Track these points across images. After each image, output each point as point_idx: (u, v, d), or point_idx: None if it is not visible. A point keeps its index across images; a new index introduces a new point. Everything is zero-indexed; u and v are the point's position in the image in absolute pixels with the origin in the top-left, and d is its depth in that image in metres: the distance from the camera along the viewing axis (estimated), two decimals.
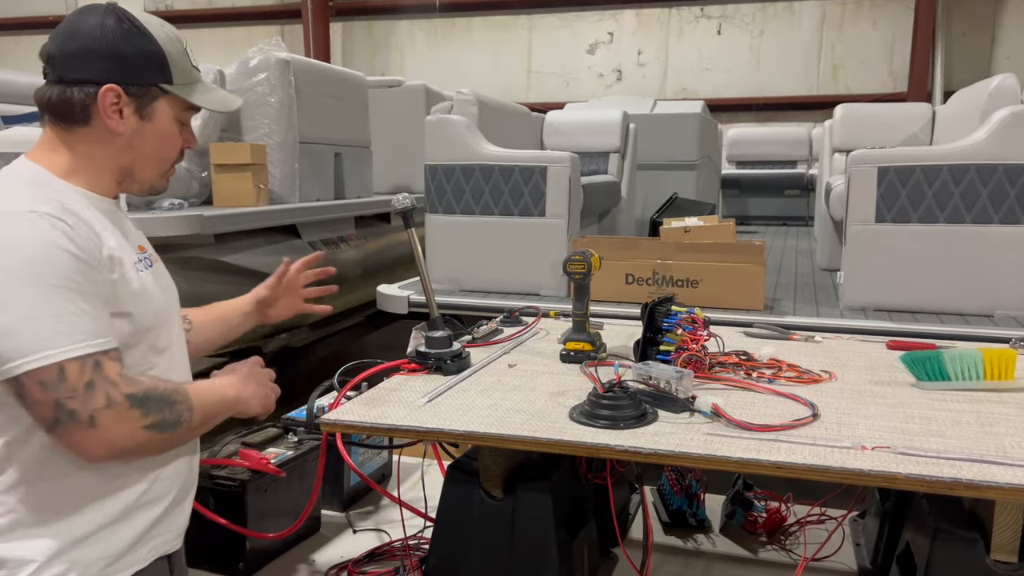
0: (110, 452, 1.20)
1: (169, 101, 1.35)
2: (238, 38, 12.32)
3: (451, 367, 1.83)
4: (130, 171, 1.36)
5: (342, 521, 2.20)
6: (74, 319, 1.17)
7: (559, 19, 11.63)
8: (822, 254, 4.66)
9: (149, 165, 1.38)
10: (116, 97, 1.29)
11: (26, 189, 1.24)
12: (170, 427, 1.25)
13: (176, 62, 1.35)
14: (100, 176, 1.34)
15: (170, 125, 1.36)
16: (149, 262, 1.41)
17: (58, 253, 1.17)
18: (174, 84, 1.35)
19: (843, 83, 10.70)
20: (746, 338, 2.20)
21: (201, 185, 4.30)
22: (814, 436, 1.43)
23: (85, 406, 1.15)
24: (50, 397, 1.14)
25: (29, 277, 1.15)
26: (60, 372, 1.14)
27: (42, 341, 1.14)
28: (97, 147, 1.32)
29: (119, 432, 1.19)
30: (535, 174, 3.67)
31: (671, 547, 2.22)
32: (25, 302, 1.14)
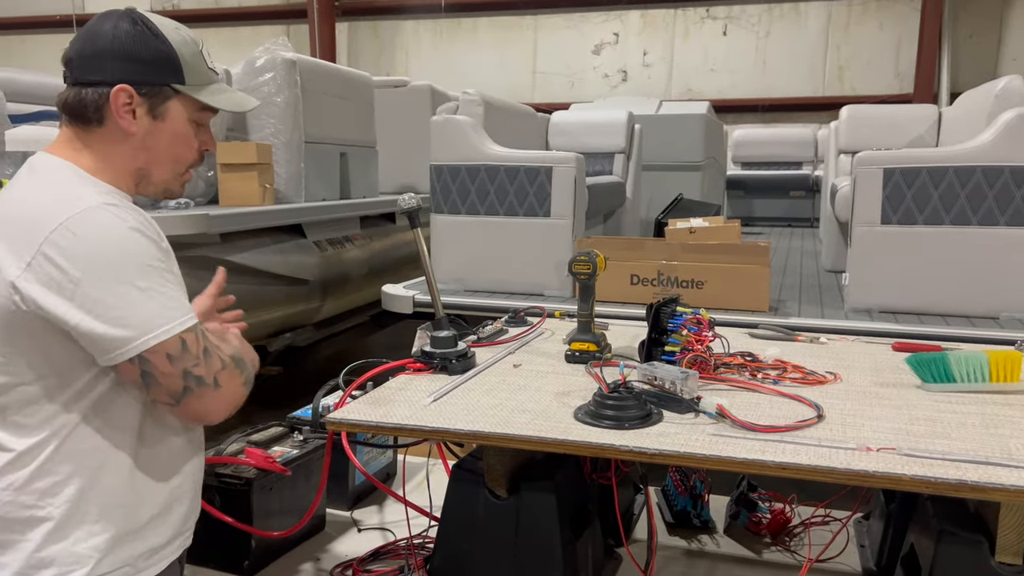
0: (227, 410, 1.32)
1: (182, 102, 1.36)
2: (244, 38, 12.35)
3: (456, 367, 1.83)
4: (145, 172, 1.37)
5: (347, 520, 2.21)
6: (176, 294, 1.25)
7: (564, 19, 11.63)
8: (827, 255, 4.65)
9: (163, 166, 1.38)
10: (128, 97, 1.31)
11: (83, 184, 1.28)
12: (246, 384, 1.35)
13: (189, 63, 1.36)
14: (119, 176, 1.35)
15: (183, 126, 1.37)
16: None
17: (142, 238, 1.23)
18: (187, 84, 1.36)
19: (849, 84, 10.68)
20: (751, 339, 2.20)
21: (207, 184, 4.31)
22: (819, 437, 1.43)
23: (209, 371, 1.26)
24: (178, 368, 1.23)
25: (127, 263, 1.20)
26: (182, 344, 1.22)
27: (158, 318, 1.21)
28: (113, 147, 1.34)
29: (231, 391, 1.30)
30: (540, 174, 3.67)
31: (675, 547, 2.22)
32: (132, 286, 1.20)
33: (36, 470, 1.23)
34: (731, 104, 10.70)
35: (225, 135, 4.38)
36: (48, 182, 1.28)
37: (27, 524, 1.23)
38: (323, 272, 4.41)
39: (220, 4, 12.79)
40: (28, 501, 1.23)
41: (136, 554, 1.29)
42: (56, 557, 1.23)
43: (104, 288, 1.18)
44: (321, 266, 4.40)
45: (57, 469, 1.23)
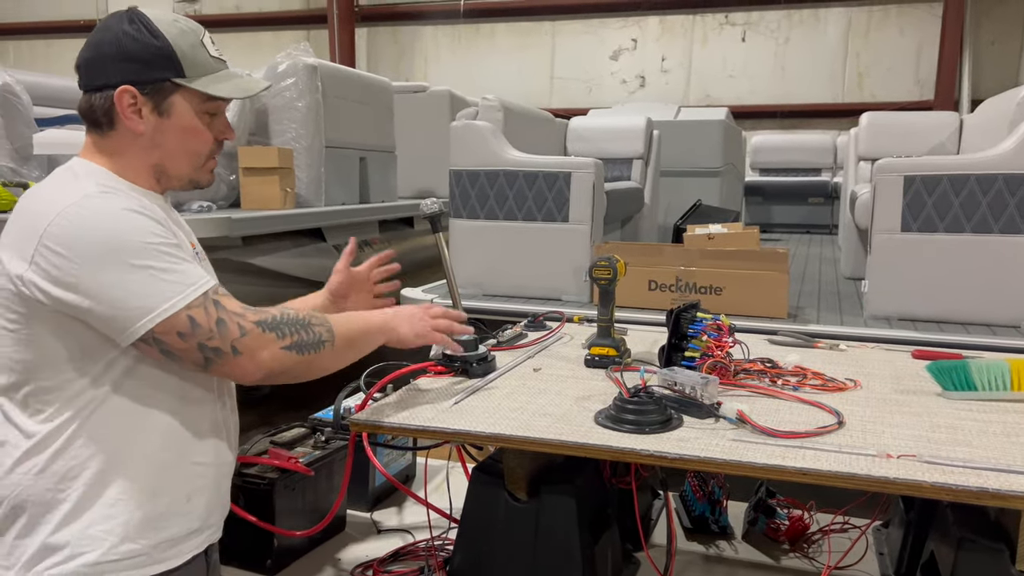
0: (262, 372, 1.30)
1: (185, 95, 1.36)
2: (265, 43, 12.46)
3: (477, 370, 1.85)
4: (162, 168, 1.39)
5: (367, 521, 2.23)
6: (180, 268, 1.25)
7: (583, 25, 11.65)
8: (846, 263, 4.64)
9: (179, 160, 1.39)
10: (132, 98, 1.32)
11: (92, 179, 1.30)
12: (310, 347, 1.33)
13: (187, 55, 1.35)
14: (139, 175, 1.37)
15: (191, 118, 1.37)
16: (199, 257, 1.44)
17: (139, 218, 1.24)
18: (186, 77, 1.35)
19: (869, 91, 10.62)
20: (770, 346, 2.20)
21: (229, 188, 4.36)
22: (839, 443, 1.43)
23: (225, 341, 1.25)
24: (192, 343, 1.24)
25: (122, 244, 1.21)
26: (190, 320, 1.23)
27: (158, 296, 1.21)
28: (128, 148, 1.36)
29: (262, 355, 1.28)
30: (559, 180, 3.69)
31: (693, 553, 2.22)
32: (128, 266, 1.20)
33: (55, 453, 1.25)
34: (750, 110, 10.67)
35: (247, 139, 4.43)
36: (63, 179, 1.31)
37: (46, 507, 1.25)
38: None
39: (241, 9, 12.92)
40: (47, 484, 1.25)
41: (153, 543, 1.30)
42: (70, 539, 1.25)
43: (103, 271, 1.19)
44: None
45: (77, 452, 1.25)
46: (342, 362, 1.43)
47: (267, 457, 1.90)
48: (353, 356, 1.44)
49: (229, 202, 4.39)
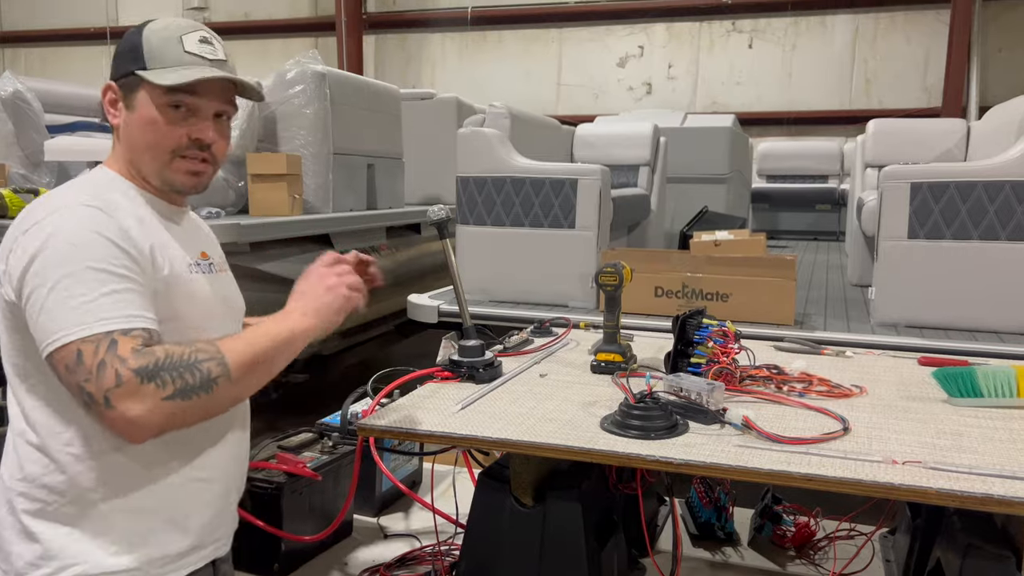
0: (139, 432, 1.15)
1: (147, 88, 1.32)
2: (274, 50, 12.52)
3: (483, 376, 1.86)
4: (136, 164, 1.36)
5: (374, 526, 2.24)
6: (101, 299, 1.16)
7: (589, 32, 11.68)
8: (853, 269, 4.63)
9: (142, 156, 1.34)
10: (114, 93, 1.35)
11: (83, 187, 1.31)
12: (200, 390, 1.17)
13: (154, 47, 1.33)
14: (135, 176, 1.37)
15: (150, 111, 1.32)
16: (209, 268, 1.41)
17: (94, 237, 1.20)
18: (148, 69, 1.32)
19: (876, 98, 10.62)
20: (776, 352, 2.20)
21: (237, 194, 4.39)
22: (845, 450, 1.44)
23: (99, 388, 1.12)
24: (72, 381, 1.15)
25: (67, 262, 1.17)
26: (78, 355, 1.13)
27: (60, 322, 1.15)
28: (120, 147, 1.37)
29: (137, 410, 1.13)
30: (565, 186, 3.70)
31: (699, 559, 2.22)
32: (60, 285, 1.16)
33: (48, 466, 1.25)
34: (757, 117, 10.67)
35: (256, 146, 4.46)
36: (69, 186, 1.32)
37: (39, 516, 1.25)
38: None
39: (250, 17, 12.99)
40: (40, 495, 1.25)
41: (147, 559, 1.28)
42: (59, 552, 1.24)
43: (40, 286, 1.17)
44: None
45: (69, 467, 1.25)
46: (249, 390, 1.28)
47: (275, 462, 1.91)
48: (263, 378, 1.27)
49: (238, 208, 4.42)
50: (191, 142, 1.34)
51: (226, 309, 1.44)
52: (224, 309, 1.43)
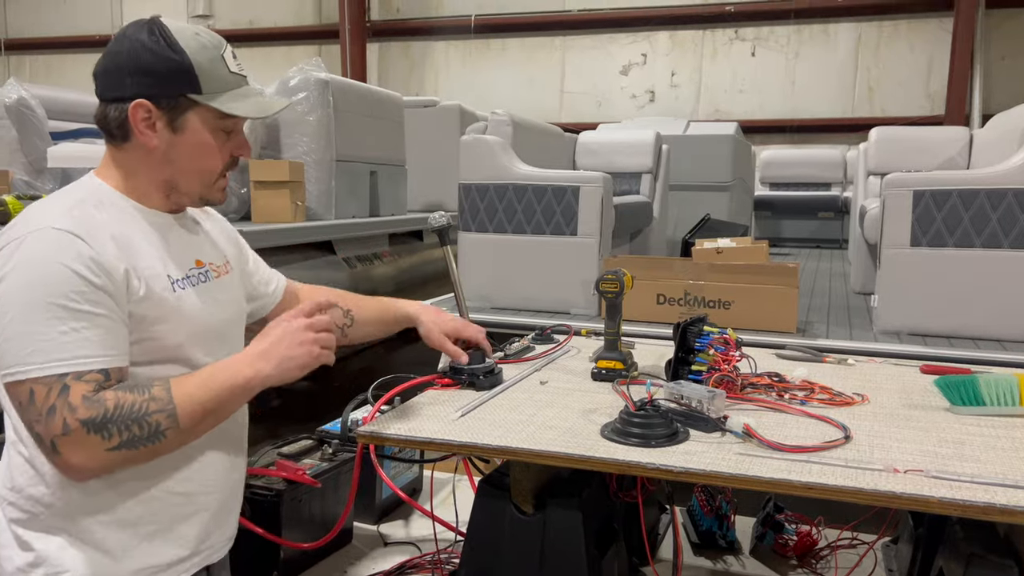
0: (81, 476, 1.19)
1: (200, 112, 1.32)
2: (277, 58, 12.57)
3: (484, 383, 1.85)
4: (173, 185, 1.36)
5: (373, 534, 2.23)
6: (59, 337, 1.15)
7: (593, 40, 11.70)
8: (856, 277, 4.62)
9: (190, 178, 1.36)
10: (147, 112, 1.30)
11: (64, 204, 1.26)
12: (147, 440, 1.18)
13: (206, 70, 1.32)
14: (148, 190, 1.35)
15: (205, 136, 1.34)
16: (203, 276, 1.40)
17: (58, 268, 1.17)
18: (203, 93, 1.32)
19: (879, 105, 10.62)
20: (778, 360, 2.20)
21: (240, 201, 4.40)
22: (846, 458, 1.43)
23: (47, 432, 1.14)
24: (26, 419, 1.16)
25: (28, 293, 1.16)
26: (30, 394, 1.14)
27: (19, 357, 1.14)
28: (140, 162, 1.33)
29: (81, 458, 1.15)
30: (567, 194, 3.70)
31: (700, 568, 2.21)
32: (19, 317, 1.15)
33: (34, 477, 1.26)
34: (759, 125, 10.67)
35: (259, 153, 4.47)
36: (50, 199, 1.30)
37: (27, 526, 1.26)
38: (352, 288, 4.45)
39: (254, 24, 13.04)
40: (27, 506, 1.27)
41: (135, 568, 1.29)
42: (47, 559, 1.25)
43: (3, 315, 1.15)
44: (350, 282, 4.46)
45: (52, 480, 1.25)
46: (196, 436, 1.27)
47: (274, 469, 1.90)
48: (214, 424, 1.28)
49: (240, 215, 4.43)
50: (232, 161, 1.39)
51: (217, 317, 1.42)
52: (214, 317, 1.40)
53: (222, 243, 1.55)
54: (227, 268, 1.51)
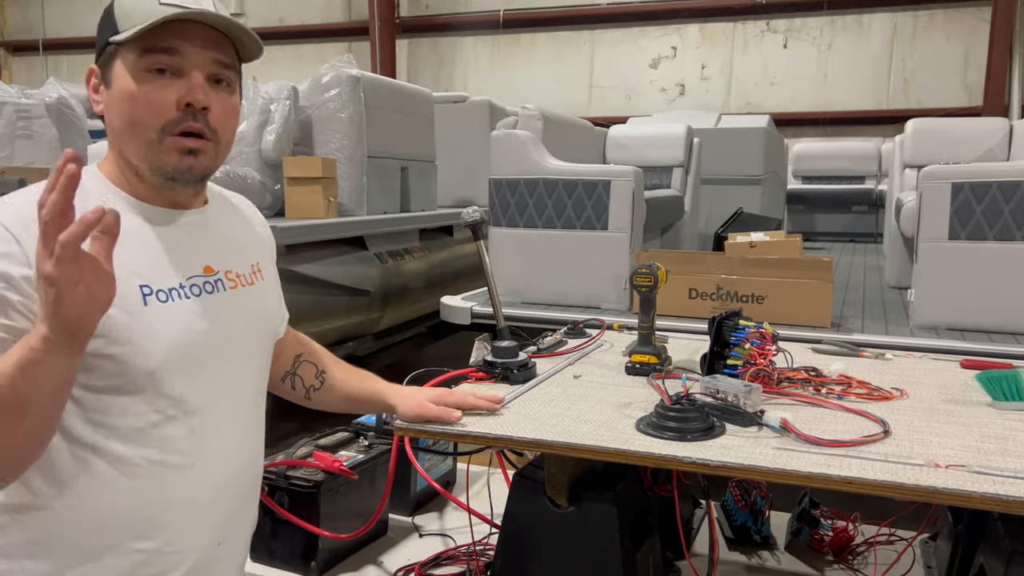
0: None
1: (122, 55, 1.10)
2: (308, 55, 12.69)
3: (517, 376, 1.86)
4: (125, 158, 1.13)
5: (408, 525, 2.25)
6: None
7: (622, 34, 11.65)
8: (891, 271, 4.56)
9: (126, 140, 1.11)
10: (96, 78, 1.15)
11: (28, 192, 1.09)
12: None
13: (127, 6, 1.10)
14: (126, 175, 1.15)
15: (127, 82, 1.09)
16: (212, 286, 1.20)
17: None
18: (119, 32, 1.10)
19: (914, 97, 10.45)
20: (814, 354, 2.18)
21: (274, 197, 4.45)
22: (885, 453, 1.42)
23: None
24: None
25: None
26: None
27: None
28: (109, 140, 1.17)
29: None
30: (598, 188, 3.70)
31: (735, 563, 2.20)
32: None
33: None
34: (791, 117, 10.56)
35: (292, 150, 4.52)
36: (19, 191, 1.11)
37: None
38: (383, 283, 4.51)
39: (285, 23, 13.17)
40: None
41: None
42: None
43: None
44: (382, 277, 4.50)
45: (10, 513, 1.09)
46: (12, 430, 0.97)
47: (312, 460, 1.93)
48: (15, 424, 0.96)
49: (274, 211, 4.49)
50: (182, 112, 1.10)
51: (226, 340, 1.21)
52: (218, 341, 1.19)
53: (252, 245, 1.35)
54: (255, 277, 1.30)
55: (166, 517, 1.14)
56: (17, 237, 1.02)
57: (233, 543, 1.28)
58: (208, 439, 1.18)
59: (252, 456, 1.31)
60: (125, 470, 1.09)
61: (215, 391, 1.19)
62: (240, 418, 1.26)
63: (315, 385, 1.54)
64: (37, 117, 5.01)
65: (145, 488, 1.11)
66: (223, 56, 1.15)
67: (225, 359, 1.21)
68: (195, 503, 1.17)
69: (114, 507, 1.10)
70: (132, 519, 1.11)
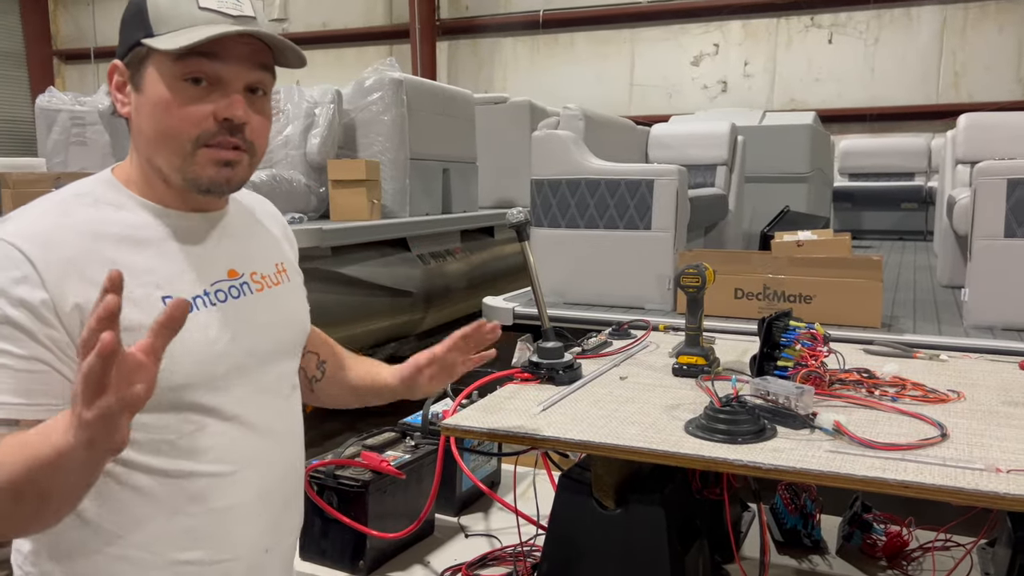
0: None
1: (156, 60, 1.05)
2: (350, 59, 12.82)
3: (563, 377, 1.86)
4: (152, 162, 1.09)
5: (454, 525, 2.26)
6: None
7: (663, 32, 11.56)
8: (943, 270, 4.45)
9: (157, 148, 1.07)
10: (120, 75, 1.09)
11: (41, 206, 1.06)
12: None
13: (160, 7, 1.05)
14: (152, 182, 1.11)
15: (162, 90, 1.05)
16: (238, 290, 1.16)
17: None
18: (154, 35, 1.04)
19: (965, 91, 10.17)
20: (866, 355, 2.14)
21: (319, 200, 4.51)
22: (943, 456, 1.38)
23: None
24: None
25: None
26: None
27: None
28: (133, 146, 1.12)
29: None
30: (642, 187, 3.67)
31: (785, 566, 2.17)
32: None
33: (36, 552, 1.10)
34: (837, 113, 10.37)
35: (336, 153, 4.58)
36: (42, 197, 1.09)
37: None
38: (426, 284, 4.54)
39: (327, 26, 13.33)
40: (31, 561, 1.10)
41: None
42: None
43: None
44: (424, 278, 4.53)
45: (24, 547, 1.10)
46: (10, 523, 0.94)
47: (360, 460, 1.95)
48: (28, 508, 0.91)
49: (319, 213, 4.55)
50: (218, 124, 1.06)
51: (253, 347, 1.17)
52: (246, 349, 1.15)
53: (274, 244, 1.31)
54: (280, 276, 1.26)
55: (210, 527, 1.12)
56: (32, 260, 0.98)
57: (280, 549, 1.26)
58: (246, 446, 1.15)
59: (293, 460, 1.29)
60: (163, 482, 1.08)
61: (249, 398, 1.16)
62: (277, 422, 1.23)
63: (316, 376, 1.48)
64: (90, 124, 5.16)
65: (186, 499, 1.09)
66: (261, 64, 1.11)
67: (256, 365, 1.17)
68: (239, 511, 1.15)
69: (154, 520, 1.08)
70: (175, 531, 1.09)
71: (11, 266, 0.97)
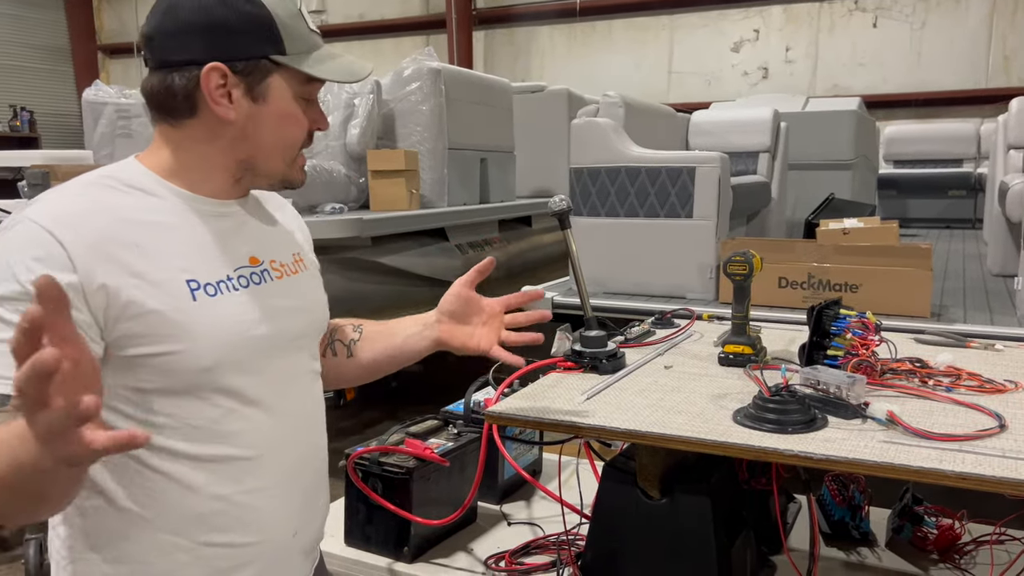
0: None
1: (284, 75, 1.12)
2: (386, 49, 12.87)
3: (607, 367, 1.84)
4: (250, 165, 1.16)
5: (496, 513, 2.26)
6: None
7: (701, 18, 11.40)
8: (994, 258, 4.34)
9: (271, 155, 1.16)
10: (222, 77, 1.09)
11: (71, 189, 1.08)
12: None
13: (288, 26, 1.11)
14: (210, 175, 1.15)
15: (289, 104, 1.14)
16: (259, 276, 1.19)
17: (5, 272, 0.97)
18: (287, 55, 1.11)
19: (1016, 75, 9.87)
20: (918, 345, 2.09)
21: (359, 190, 4.54)
22: (1002, 448, 1.34)
23: None
24: None
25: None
26: None
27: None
28: (207, 143, 1.13)
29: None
30: (683, 175, 3.63)
31: (833, 559, 2.13)
32: None
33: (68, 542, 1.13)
34: (882, 99, 10.14)
35: (375, 143, 4.60)
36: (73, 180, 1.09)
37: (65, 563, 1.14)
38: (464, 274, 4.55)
39: (364, 18, 13.39)
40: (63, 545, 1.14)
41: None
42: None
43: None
44: (463, 268, 4.52)
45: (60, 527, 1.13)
46: None
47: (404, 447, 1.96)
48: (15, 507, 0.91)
49: (359, 204, 4.58)
50: (308, 136, 1.20)
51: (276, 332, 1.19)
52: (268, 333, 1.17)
53: (289, 235, 1.34)
54: (298, 266, 1.30)
55: (238, 510, 1.14)
56: (60, 239, 0.99)
57: (307, 533, 1.28)
58: (272, 430, 1.18)
59: (317, 443, 1.32)
60: (192, 466, 1.10)
61: (273, 381, 1.18)
62: (300, 406, 1.26)
63: (355, 338, 1.52)
64: (135, 116, 5.24)
65: (213, 482, 1.11)
66: None
67: (279, 349, 1.20)
68: (265, 494, 1.17)
69: (184, 504, 1.10)
70: (203, 514, 1.11)
71: (36, 246, 0.99)
